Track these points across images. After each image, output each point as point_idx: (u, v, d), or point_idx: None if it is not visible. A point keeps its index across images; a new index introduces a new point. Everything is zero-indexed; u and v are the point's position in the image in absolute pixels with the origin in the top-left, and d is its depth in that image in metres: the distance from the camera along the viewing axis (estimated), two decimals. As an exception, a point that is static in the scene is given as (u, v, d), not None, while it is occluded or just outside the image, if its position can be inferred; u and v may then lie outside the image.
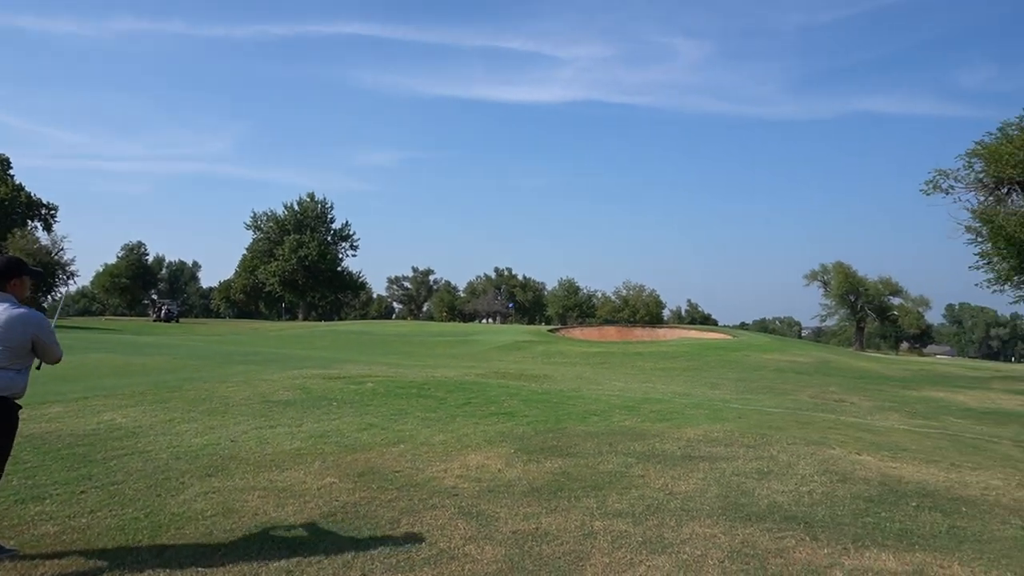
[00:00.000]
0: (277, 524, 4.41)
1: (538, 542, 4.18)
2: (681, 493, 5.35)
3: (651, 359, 26.63)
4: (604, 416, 9.25)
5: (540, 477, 5.79)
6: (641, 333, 50.91)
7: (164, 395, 9.91)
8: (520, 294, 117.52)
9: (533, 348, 31.08)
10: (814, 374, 22.40)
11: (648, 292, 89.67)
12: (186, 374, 13.24)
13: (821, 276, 78.11)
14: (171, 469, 5.77)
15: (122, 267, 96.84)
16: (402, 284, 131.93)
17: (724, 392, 14.73)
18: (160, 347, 22.44)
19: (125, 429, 7.39)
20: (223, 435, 7.22)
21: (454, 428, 7.99)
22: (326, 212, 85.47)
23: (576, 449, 6.97)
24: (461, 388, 11.74)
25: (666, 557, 3.96)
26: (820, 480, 5.90)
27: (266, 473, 5.72)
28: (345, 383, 11.71)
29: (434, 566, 3.78)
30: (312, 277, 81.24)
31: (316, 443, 6.94)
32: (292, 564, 3.74)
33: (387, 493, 5.20)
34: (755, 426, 8.79)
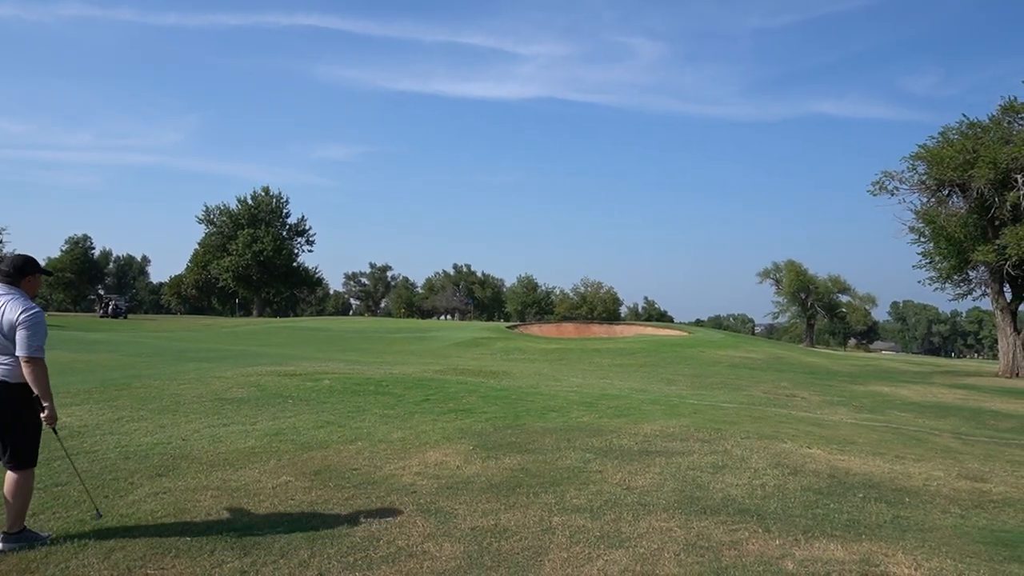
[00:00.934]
0: (230, 524, 4.32)
1: (497, 538, 4.18)
2: (638, 488, 5.42)
3: (608, 355, 26.90)
4: (562, 412, 9.31)
5: (499, 473, 5.79)
6: (599, 330, 51.41)
7: (112, 393, 9.61)
8: (479, 291, 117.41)
9: (492, 345, 31.10)
10: (767, 370, 22.95)
11: (606, 289, 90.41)
12: (135, 371, 12.86)
13: (773, 274, 79.89)
14: (119, 469, 5.60)
15: (66, 261, 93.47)
16: (359, 280, 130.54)
17: (680, 388, 14.97)
18: (107, 344, 21.77)
19: (70, 428, 7.14)
20: (174, 434, 7.04)
21: (412, 425, 7.95)
22: (281, 206, 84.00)
23: (535, 445, 7.00)
24: (420, 385, 11.68)
25: (623, 551, 4.00)
26: (772, 473, 6.04)
27: (219, 472, 5.60)
28: (301, 380, 11.53)
29: (392, 564, 3.75)
30: (267, 272, 79.77)
31: (271, 441, 6.82)
32: (247, 564, 3.67)
33: (344, 491, 5.14)
34: (710, 421, 8.95)
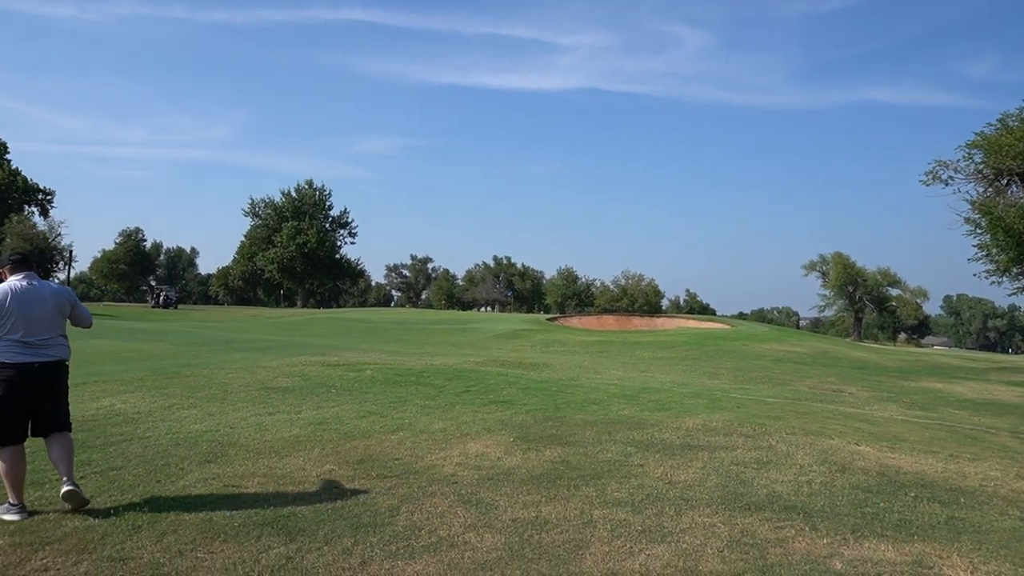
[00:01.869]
0: (276, 510, 4.41)
1: (538, 530, 4.18)
2: (680, 482, 5.36)
3: (649, 348, 26.67)
4: (603, 405, 9.26)
5: (539, 465, 5.79)
6: (639, 322, 50.97)
7: (163, 381, 9.90)
8: (519, 282, 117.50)
9: (532, 336, 31.10)
10: (812, 364, 22.46)
11: (647, 281, 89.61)
12: (185, 360, 13.23)
13: (820, 266, 78.14)
14: (170, 455, 5.77)
15: (120, 253, 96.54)
16: (401, 272, 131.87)
17: (722, 382, 14.76)
18: (158, 333, 22.42)
19: (124, 415, 7.38)
20: (222, 421, 7.21)
21: (453, 416, 8.00)
22: (324, 199, 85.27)
23: (575, 438, 6.97)
24: (460, 376, 11.74)
25: (665, 546, 3.96)
26: (819, 470, 5.91)
27: (265, 459, 5.72)
28: (344, 370, 11.70)
29: (433, 554, 3.78)
30: (310, 264, 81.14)
31: (315, 430, 6.94)
32: (292, 551, 3.74)
33: (386, 480, 5.20)
34: (754, 416, 8.80)
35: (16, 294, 4.38)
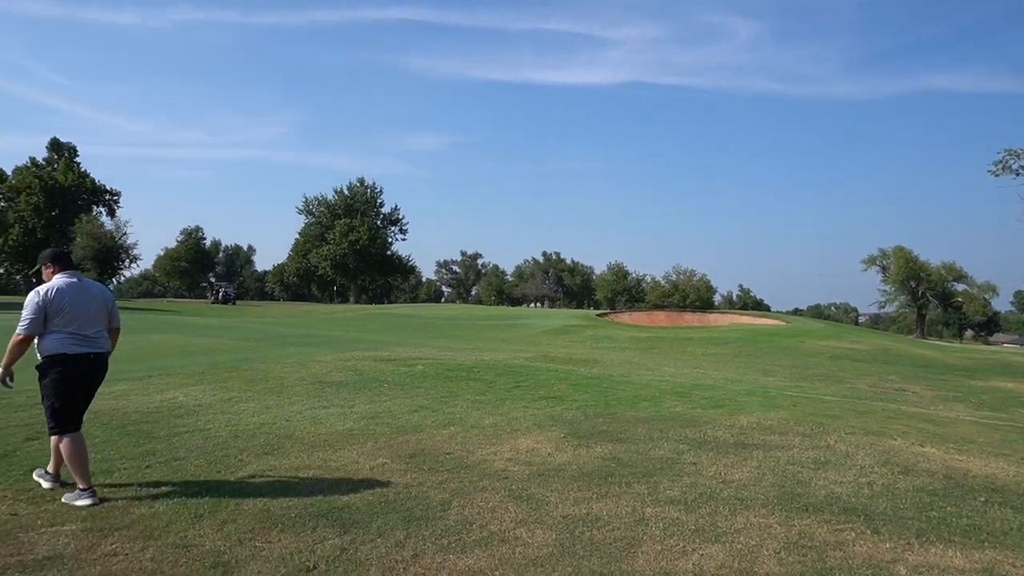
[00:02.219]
0: (331, 502, 4.49)
1: (589, 527, 4.15)
2: (735, 481, 5.25)
3: (702, 345, 26.25)
4: (654, 402, 9.15)
5: (590, 462, 5.75)
6: (691, 318, 50.24)
7: (223, 375, 10.20)
8: (568, 278, 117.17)
9: (582, 332, 30.98)
10: (872, 362, 21.76)
11: (698, 277, 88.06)
12: (243, 355, 13.60)
13: (880, 261, 75.63)
14: (230, 447, 5.94)
15: (181, 251, 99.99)
16: (451, 268, 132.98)
17: (778, 379, 14.42)
18: (218, 328, 23.11)
19: (186, 407, 7.63)
20: (279, 415, 7.39)
21: (504, 411, 8.02)
22: (375, 196, 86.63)
23: (626, 435, 6.91)
24: (510, 372, 11.76)
25: (720, 546, 3.89)
26: (880, 472, 5.71)
27: (320, 452, 5.83)
28: (396, 365, 11.85)
29: (485, 548, 3.79)
30: (362, 261, 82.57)
31: (368, 424, 7.05)
32: (346, 542, 3.80)
33: (438, 475, 5.24)
34: (811, 414, 8.57)
35: (69, 290, 4.63)
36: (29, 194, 75.05)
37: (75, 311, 4.60)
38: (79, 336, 4.62)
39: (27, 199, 75.05)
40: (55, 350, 4.53)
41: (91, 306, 4.73)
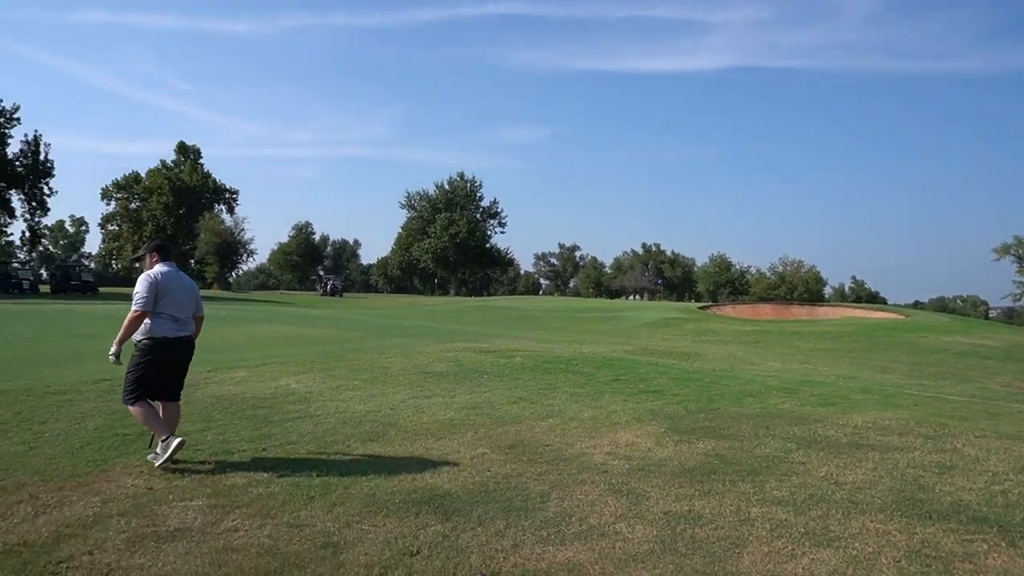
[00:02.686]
0: (433, 490, 4.61)
1: (691, 524, 4.06)
2: (848, 483, 4.98)
3: (811, 339, 25.08)
4: (760, 398, 8.82)
5: (692, 458, 5.62)
6: (799, 311, 48.01)
7: (331, 364, 10.67)
8: (668, 270, 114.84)
9: (682, 325, 30.31)
10: (1006, 360, 20.07)
11: (807, 268, 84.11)
12: (350, 345, 14.18)
13: (1015, 250, 69.50)
14: (338, 433, 6.20)
15: (293, 245, 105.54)
16: (549, 260, 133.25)
17: (896, 376, 13.56)
18: (326, 319, 24.19)
19: (298, 394, 8.04)
20: (383, 403, 7.65)
21: (603, 404, 7.96)
22: (475, 190, 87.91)
23: (730, 431, 6.70)
24: (609, 364, 11.66)
25: (832, 551, 3.69)
26: (1017, 479, 5.25)
27: (423, 441, 6.00)
28: (495, 357, 12.01)
29: (584, 542, 3.77)
30: (462, 254, 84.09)
31: (468, 414, 7.18)
32: (448, 529, 3.89)
33: (537, 466, 5.27)
34: (934, 415, 7.99)
35: (169, 278, 5.15)
36: (160, 194, 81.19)
37: (173, 297, 5.12)
38: (175, 320, 5.14)
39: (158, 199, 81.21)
40: (155, 332, 5.05)
41: (185, 294, 5.26)
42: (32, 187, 51.37)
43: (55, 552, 3.44)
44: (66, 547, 3.48)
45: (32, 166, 51.01)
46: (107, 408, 6.84)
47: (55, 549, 3.47)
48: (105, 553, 3.47)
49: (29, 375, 8.73)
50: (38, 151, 51.53)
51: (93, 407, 6.90)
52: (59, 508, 4.05)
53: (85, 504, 4.13)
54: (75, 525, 3.80)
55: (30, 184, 51.11)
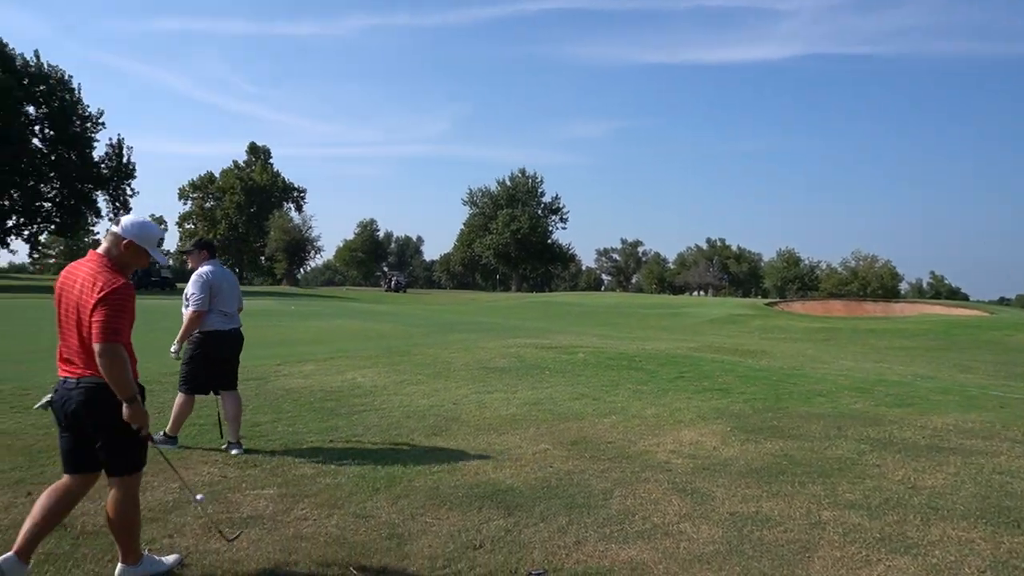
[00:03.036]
0: (495, 484, 4.63)
1: (759, 526, 3.95)
2: (927, 488, 4.76)
3: (885, 336, 24.10)
4: (831, 397, 8.52)
5: (759, 458, 5.47)
6: (873, 308, 46.22)
7: (395, 358, 10.86)
8: (734, 265, 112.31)
9: (749, 322, 29.59)
10: (1101, 360, 18.79)
11: (881, 263, 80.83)
12: (413, 340, 14.41)
13: (1112, 243, 64.97)
14: (402, 426, 6.31)
15: (358, 242, 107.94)
16: (611, 256, 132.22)
17: (978, 377, 12.88)
18: (391, 315, 24.64)
19: (364, 388, 8.21)
20: (446, 398, 7.74)
21: (666, 402, 7.84)
22: (536, 186, 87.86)
23: (799, 431, 6.50)
24: (673, 361, 11.49)
25: (910, 558, 3.54)
26: (1114, 487, 4.91)
27: (485, 436, 6.04)
28: (557, 353, 11.99)
29: (648, 540, 3.73)
30: (524, 250, 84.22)
31: (531, 410, 7.19)
32: (510, 524, 3.90)
33: (599, 463, 5.23)
34: (1022, 417, 7.56)
35: (218, 276, 5.43)
36: (232, 193, 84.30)
37: (224, 294, 5.42)
38: (224, 314, 5.43)
39: (231, 198, 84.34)
40: (207, 327, 5.36)
41: (233, 290, 5.57)
42: (116, 188, 54.02)
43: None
44: (148, 530, 3.65)
45: (116, 168, 53.66)
46: (185, 399, 7.15)
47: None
48: (184, 537, 3.63)
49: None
50: (121, 154, 54.18)
51: (171, 398, 7.20)
52: (142, 493, 4.24)
53: (165, 490, 4.33)
54: (156, 509, 3.99)
55: (114, 185, 53.76)
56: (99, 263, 3.04)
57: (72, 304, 3.01)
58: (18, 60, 46.82)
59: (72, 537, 3.53)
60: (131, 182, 55.36)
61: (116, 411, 2.96)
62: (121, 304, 2.94)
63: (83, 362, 3.00)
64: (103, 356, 2.88)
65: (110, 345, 2.89)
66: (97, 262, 3.05)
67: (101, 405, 2.97)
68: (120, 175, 54.04)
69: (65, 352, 3.07)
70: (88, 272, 3.02)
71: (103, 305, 2.90)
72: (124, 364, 2.94)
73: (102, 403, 2.97)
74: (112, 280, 2.96)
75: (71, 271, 3.09)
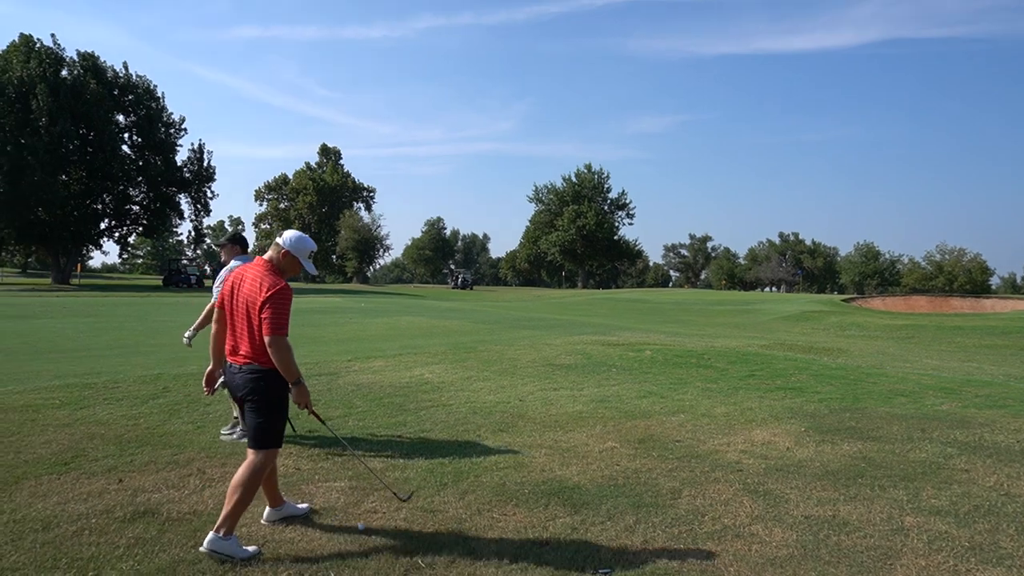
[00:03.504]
0: (562, 482, 4.62)
1: (836, 531, 3.81)
2: (1022, 496, 4.48)
3: (974, 335, 22.82)
4: (914, 398, 8.13)
5: (836, 460, 5.27)
6: (960, 304, 43.90)
7: (462, 355, 10.97)
8: (808, 260, 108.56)
9: (824, 319, 28.55)
10: None
11: (970, 257, 76.75)
12: (479, 336, 14.52)
13: None
14: (469, 422, 6.36)
15: (425, 240, 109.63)
16: (679, 252, 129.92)
17: (1079, 377, 12.04)
18: (457, 312, 24.90)
19: (431, 384, 8.32)
20: (512, 394, 7.77)
21: (737, 401, 7.65)
22: (602, 182, 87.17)
23: (879, 432, 6.22)
24: (743, 359, 11.19)
25: (1003, 570, 3.34)
26: None
27: (551, 433, 6.02)
28: (623, 350, 11.86)
29: (718, 542, 3.64)
30: (590, 246, 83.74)
31: (597, 407, 7.13)
32: (577, 522, 3.88)
33: (667, 462, 5.14)
34: None
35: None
36: (305, 194, 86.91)
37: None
38: None
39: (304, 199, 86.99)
40: None
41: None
42: (197, 191, 56.49)
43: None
44: (227, 519, 3.80)
45: (197, 172, 56.11)
46: (261, 393, 7.41)
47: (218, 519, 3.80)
48: (261, 526, 3.76)
49: (196, 361, 9.62)
50: (202, 158, 56.62)
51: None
52: (222, 482, 4.43)
53: (243, 481, 4.49)
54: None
55: (195, 188, 56.23)
56: (264, 267, 3.58)
57: (243, 302, 3.53)
58: (109, 72, 49.56)
59: (159, 523, 3.71)
60: (211, 185, 57.75)
61: (267, 394, 3.48)
62: (283, 302, 3.43)
63: (247, 351, 3.51)
64: (272, 346, 3.39)
65: (277, 337, 3.39)
66: (263, 267, 3.58)
67: (255, 388, 3.48)
68: (201, 178, 56.45)
69: (232, 342, 3.61)
70: (255, 275, 3.54)
71: (270, 303, 3.41)
72: (290, 352, 3.44)
73: (256, 386, 3.48)
74: (276, 282, 3.47)
75: (240, 273, 3.62)
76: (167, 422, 6.08)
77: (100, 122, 46.51)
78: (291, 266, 3.64)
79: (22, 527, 3.61)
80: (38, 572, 3.11)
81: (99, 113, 46.12)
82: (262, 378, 3.47)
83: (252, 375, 3.48)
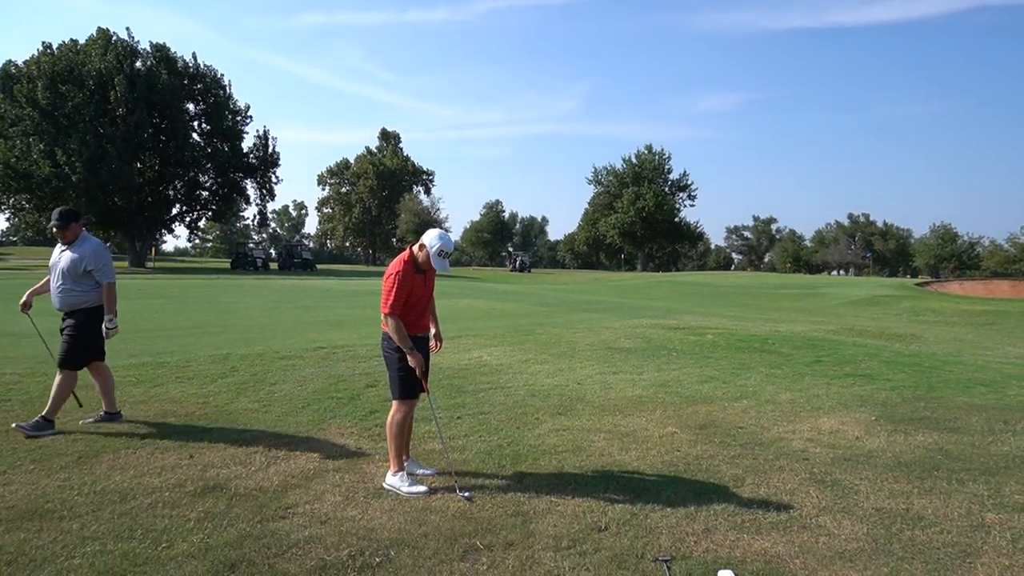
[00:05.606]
0: (621, 467, 4.56)
1: (909, 525, 3.64)
2: (1115, 493, 4.20)
3: (1062, 321, 21.53)
4: (995, 387, 7.72)
5: (909, 451, 5.05)
6: (1046, 289, 41.38)
7: (520, 338, 10.97)
8: (879, 243, 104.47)
9: (896, 304, 27.43)
10: None
11: (1058, 238, 72.16)
12: (538, 319, 14.50)
13: None
14: (527, 405, 6.36)
15: (484, 223, 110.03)
16: (742, 234, 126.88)
17: None
18: (516, 295, 24.94)
19: (490, 366, 8.35)
20: (571, 378, 7.72)
21: (802, 387, 7.41)
22: (663, 163, 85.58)
23: (956, 423, 5.93)
24: (809, 345, 10.85)
25: (1094, 571, 3.13)
26: None
27: (610, 417, 5.96)
28: (684, 334, 11.65)
29: (783, 533, 3.53)
30: (650, 228, 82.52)
31: (657, 392, 7.03)
32: (636, 508, 3.82)
33: (730, 449, 5.02)
34: None
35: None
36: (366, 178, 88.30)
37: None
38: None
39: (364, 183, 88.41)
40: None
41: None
42: (263, 176, 58.12)
43: (283, 499, 3.86)
44: (292, 495, 3.90)
45: (263, 158, 57.69)
46: (324, 373, 7.58)
47: (283, 496, 3.90)
48: (323, 504, 3.84)
49: (262, 342, 9.92)
50: (267, 144, 58.15)
51: (313, 372, 7.68)
52: (286, 461, 4.55)
53: (307, 459, 4.61)
54: (299, 476, 4.25)
55: (261, 173, 57.85)
56: (403, 256, 4.23)
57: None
58: (179, 63, 51.29)
59: (227, 498, 3.83)
60: (276, 170, 59.27)
61: (391, 356, 4.23)
62: (391, 284, 4.10)
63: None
64: (385, 319, 4.15)
65: (386, 314, 4.12)
66: (403, 255, 4.23)
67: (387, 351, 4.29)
68: (266, 164, 58.02)
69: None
70: (394, 261, 4.27)
71: (384, 283, 4.18)
72: (398, 325, 4.11)
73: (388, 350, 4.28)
74: (394, 267, 4.17)
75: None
76: (235, 400, 6.28)
77: (172, 111, 48.30)
78: (426, 260, 4.19)
79: (101, 498, 3.79)
80: (116, 542, 3.25)
81: (171, 102, 47.86)
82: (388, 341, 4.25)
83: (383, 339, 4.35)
